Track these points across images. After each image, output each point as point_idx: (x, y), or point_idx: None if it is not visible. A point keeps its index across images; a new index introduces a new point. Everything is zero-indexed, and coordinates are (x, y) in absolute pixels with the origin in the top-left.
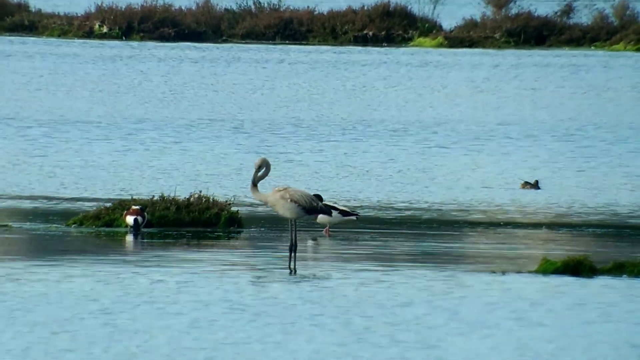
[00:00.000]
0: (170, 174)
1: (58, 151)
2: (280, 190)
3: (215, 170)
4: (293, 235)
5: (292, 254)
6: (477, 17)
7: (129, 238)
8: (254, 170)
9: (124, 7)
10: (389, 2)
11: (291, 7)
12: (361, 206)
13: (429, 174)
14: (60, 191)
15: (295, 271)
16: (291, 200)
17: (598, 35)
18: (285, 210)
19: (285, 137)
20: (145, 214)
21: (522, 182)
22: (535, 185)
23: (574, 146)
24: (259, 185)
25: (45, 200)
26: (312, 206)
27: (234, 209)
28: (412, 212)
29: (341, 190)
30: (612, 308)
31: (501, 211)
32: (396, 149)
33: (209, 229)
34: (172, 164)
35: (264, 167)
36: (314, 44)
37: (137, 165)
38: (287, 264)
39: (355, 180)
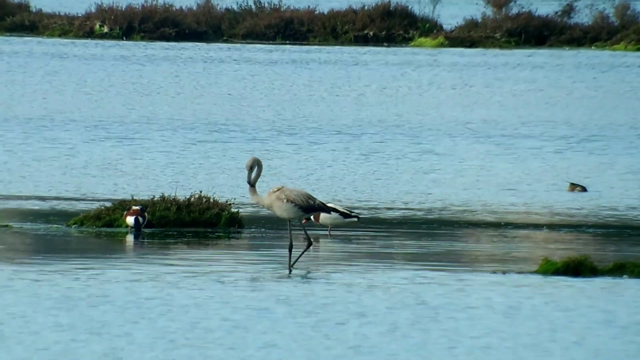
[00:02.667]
0: (169, 174)
1: (58, 151)
2: (276, 191)
3: (216, 171)
4: (292, 235)
5: (302, 253)
6: (478, 17)
7: (130, 238)
8: (246, 171)
9: (124, 7)
10: (389, 2)
11: (292, 7)
12: (362, 207)
13: (430, 175)
14: (61, 191)
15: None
16: (287, 201)
17: (599, 35)
18: (282, 211)
19: (283, 137)
20: (146, 214)
21: (570, 184)
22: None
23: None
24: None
25: (45, 201)
26: (309, 205)
27: (234, 209)
28: (412, 212)
29: (343, 192)
30: (613, 309)
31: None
32: (397, 150)
33: (209, 229)
34: (171, 164)
35: (255, 167)
36: (314, 44)
37: (138, 165)
38: (287, 264)
39: (356, 181)
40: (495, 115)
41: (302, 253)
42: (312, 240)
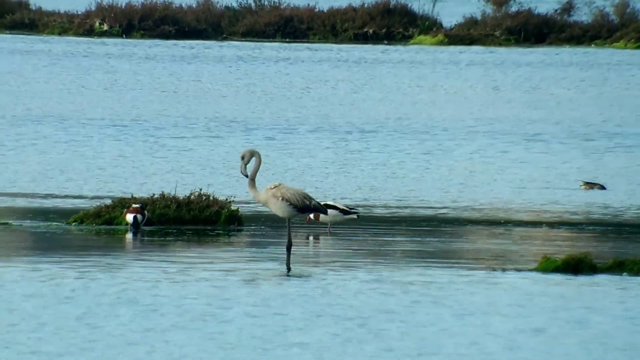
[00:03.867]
0: (170, 172)
1: (58, 149)
2: (273, 188)
3: (215, 168)
4: (291, 234)
5: (288, 256)
6: (478, 15)
7: (129, 236)
8: (240, 162)
9: (124, 4)
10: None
11: (291, 5)
12: (363, 205)
13: (432, 173)
14: (61, 189)
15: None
16: (282, 199)
17: (598, 33)
18: (277, 208)
19: (286, 135)
20: (146, 212)
21: (584, 182)
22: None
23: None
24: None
25: (45, 199)
26: (305, 204)
27: (234, 207)
28: (412, 210)
29: (342, 189)
30: (612, 306)
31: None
32: (397, 148)
33: (209, 227)
34: (172, 162)
35: (250, 159)
36: (314, 42)
37: (137, 163)
38: (286, 262)
39: (356, 179)
40: (501, 113)
41: (289, 256)
42: (292, 241)
